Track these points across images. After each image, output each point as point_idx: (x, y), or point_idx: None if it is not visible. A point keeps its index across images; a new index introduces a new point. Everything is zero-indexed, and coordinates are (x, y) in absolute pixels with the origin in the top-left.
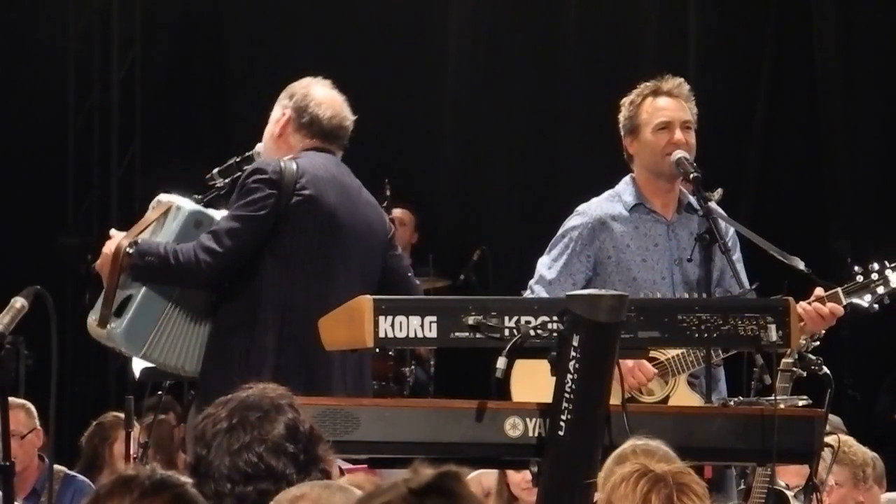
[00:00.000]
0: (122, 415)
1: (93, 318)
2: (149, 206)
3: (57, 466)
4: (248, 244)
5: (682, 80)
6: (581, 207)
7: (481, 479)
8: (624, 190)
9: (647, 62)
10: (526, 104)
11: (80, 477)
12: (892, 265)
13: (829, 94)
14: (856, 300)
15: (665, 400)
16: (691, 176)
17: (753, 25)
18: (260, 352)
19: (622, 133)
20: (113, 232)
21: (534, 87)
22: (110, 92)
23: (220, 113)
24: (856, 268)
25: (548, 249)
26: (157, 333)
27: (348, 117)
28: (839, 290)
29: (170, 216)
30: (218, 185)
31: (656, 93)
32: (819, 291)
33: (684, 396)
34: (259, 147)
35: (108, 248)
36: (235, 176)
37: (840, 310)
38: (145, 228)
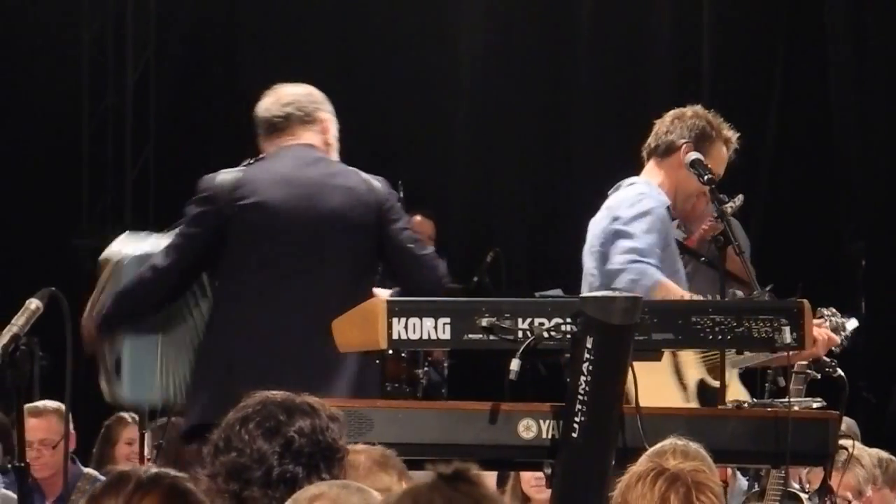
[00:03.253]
0: (124, 415)
1: (105, 391)
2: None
3: (88, 470)
4: (185, 260)
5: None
6: (643, 189)
7: None
8: (657, 188)
9: (660, 68)
10: (539, 106)
11: None
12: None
13: (842, 97)
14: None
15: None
16: (705, 178)
17: (766, 28)
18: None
19: (686, 136)
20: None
21: (547, 88)
22: (124, 94)
23: (233, 115)
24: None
25: (629, 220)
26: (163, 379)
27: (283, 98)
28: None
29: (118, 274)
30: None
31: (728, 142)
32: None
33: (737, 391)
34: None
35: (84, 325)
36: None
37: (836, 340)
38: (102, 292)
